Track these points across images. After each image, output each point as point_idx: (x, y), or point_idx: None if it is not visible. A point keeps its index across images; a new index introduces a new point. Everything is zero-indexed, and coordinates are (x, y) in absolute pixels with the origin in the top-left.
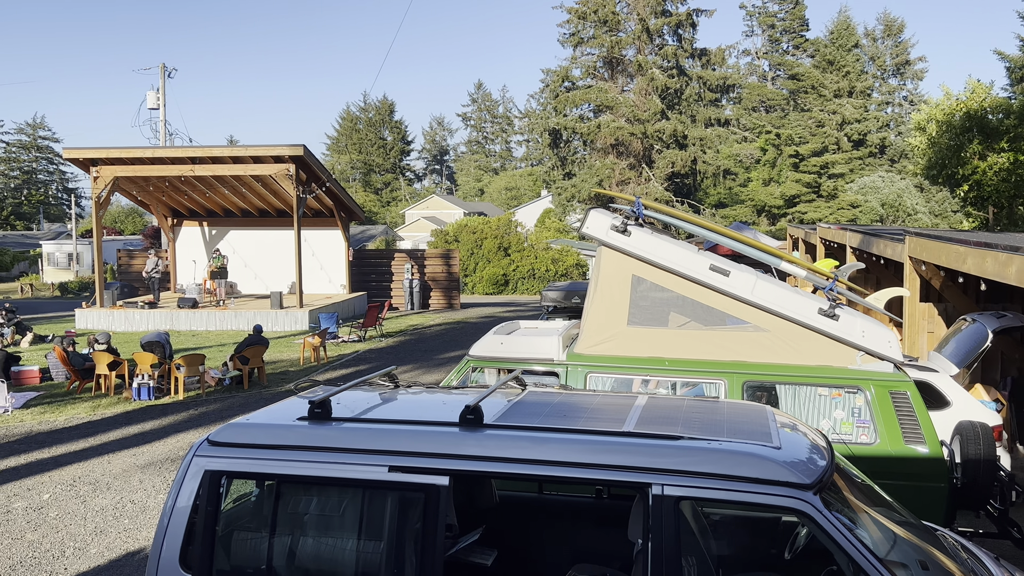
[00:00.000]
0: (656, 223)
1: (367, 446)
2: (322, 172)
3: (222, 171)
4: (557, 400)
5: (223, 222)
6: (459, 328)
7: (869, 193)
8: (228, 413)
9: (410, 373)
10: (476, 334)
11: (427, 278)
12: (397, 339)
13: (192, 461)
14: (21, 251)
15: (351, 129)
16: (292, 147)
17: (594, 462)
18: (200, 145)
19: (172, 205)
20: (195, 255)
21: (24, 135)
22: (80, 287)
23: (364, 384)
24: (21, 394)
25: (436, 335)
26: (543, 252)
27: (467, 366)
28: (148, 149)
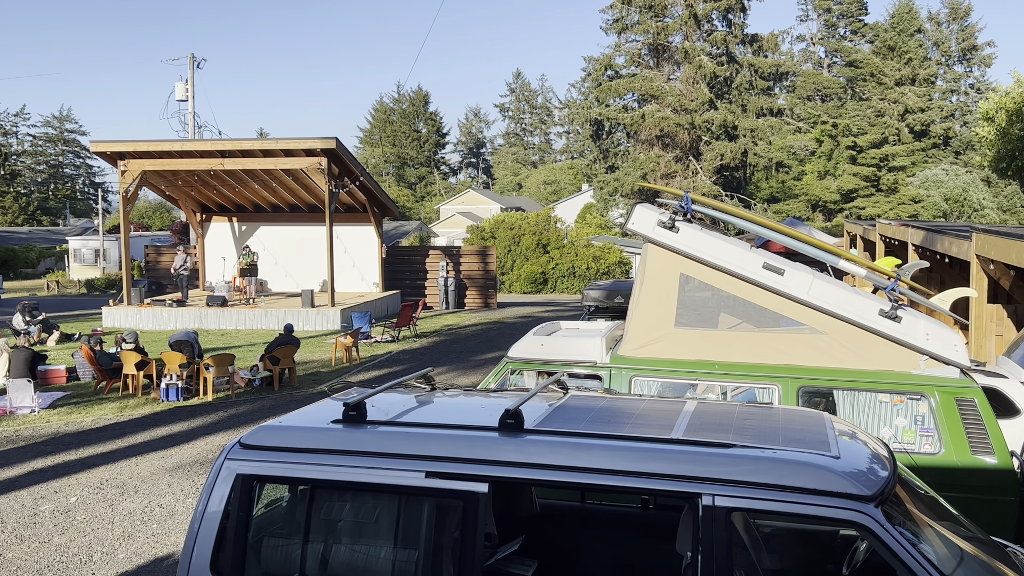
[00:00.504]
0: (705, 219)
1: (403, 451)
2: (355, 166)
3: (252, 165)
4: (601, 405)
5: (253, 217)
6: (496, 328)
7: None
8: (258, 415)
9: (445, 375)
10: (514, 335)
11: (463, 276)
12: (432, 340)
13: (223, 464)
14: (47, 247)
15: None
16: (324, 140)
17: (640, 470)
18: (230, 138)
19: (201, 200)
20: (224, 252)
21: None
22: (107, 284)
23: (400, 386)
24: (48, 394)
25: (472, 335)
26: (584, 249)
27: (506, 368)
28: (177, 142)
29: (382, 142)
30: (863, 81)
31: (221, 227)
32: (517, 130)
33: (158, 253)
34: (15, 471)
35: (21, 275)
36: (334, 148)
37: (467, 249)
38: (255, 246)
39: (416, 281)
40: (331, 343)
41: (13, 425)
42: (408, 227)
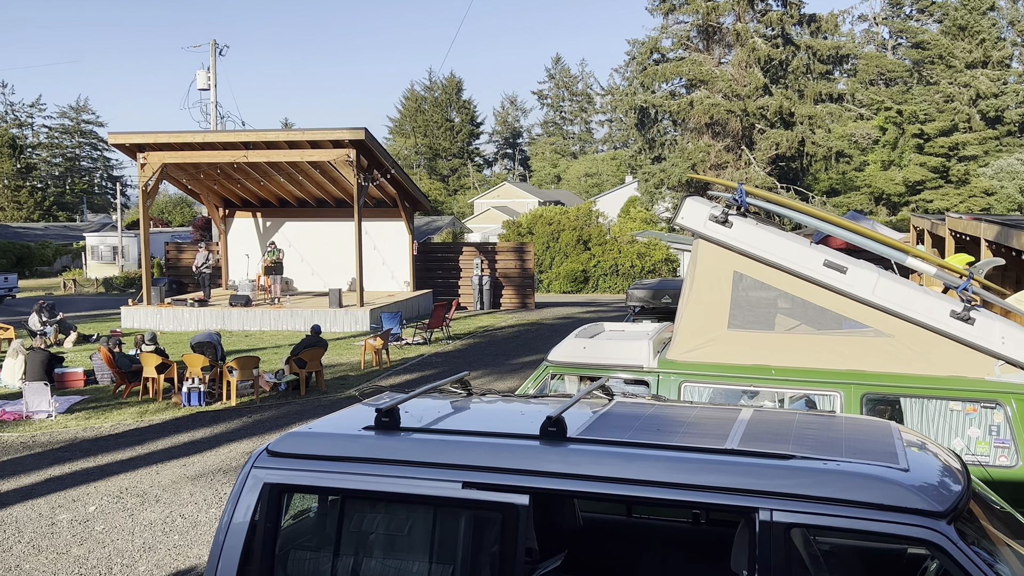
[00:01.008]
0: (760, 212)
1: (439, 459)
2: (385, 158)
3: (277, 157)
4: (649, 412)
5: (278, 213)
6: (534, 330)
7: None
8: (284, 421)
9: (481, 379)
10: (554, 337)
11: (498, 274)
12: (466, 342)
13: (250, 473)
14: (63, 244)
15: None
16: (352, 130)
17: (692, 483)
18: (253, 129)
19: (223, 194)
20: (248, 249)
21: (67, 119)
22: (126, 283)
23: (434, 391)
24: (65, 398)
25: (509, 337)
26: (628, 246)
27: (545, 373)
28: (198, 133)
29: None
30: (931, 64)
31: (245, 223)
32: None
33: (179, 250)
34: (32, 478)
35: (37, 273)
36: (363, 139)
37: (503, 246)
38: (280, 243)
39: (449, 280)
40: (360, 345)
41: (30, 430)
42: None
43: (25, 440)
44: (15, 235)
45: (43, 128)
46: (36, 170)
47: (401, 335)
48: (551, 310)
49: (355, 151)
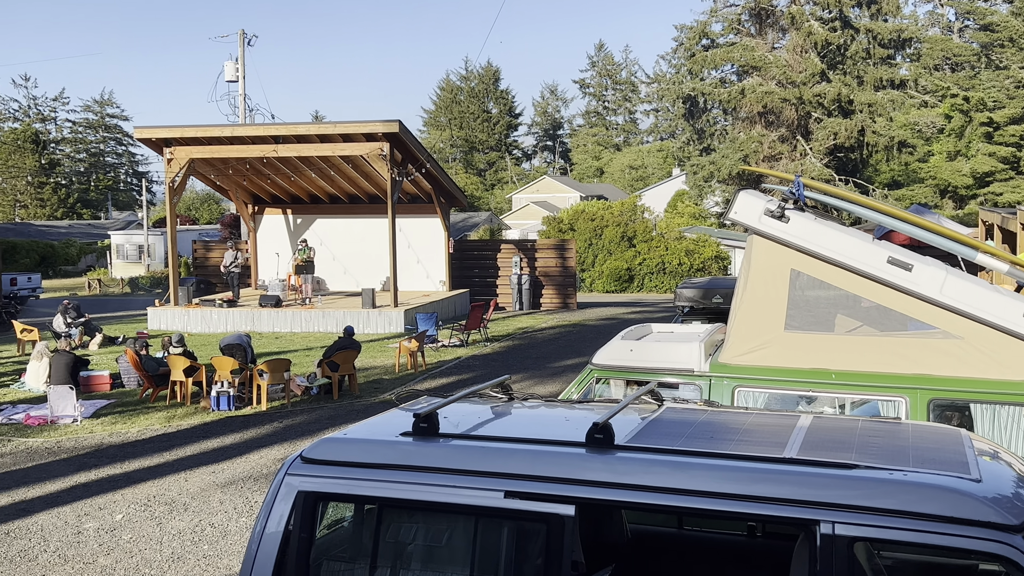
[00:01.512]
0: (818, 206)
1: (480, 467)
2: (419, 151)
3: (308, 151)
4: (701, 419)
5: (309, 209)
6: (576, 332)
7: None
8: (316, 426)
9: (521, 383)
10: (597, 339)
11: (538, 273)
12: (504, 344)
13: (283, 481)
14: (88, 243)
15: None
16: (386, 123)
17: (747, 493)
18: (283, 122)
19: (253, 190)
20: (278, 247)
21: (91, 113)
22: (152, 283)
23: (474, 395)
24: (91, 402)
25: (550, 340)
26: (675, 242)
27: (590, 377)
28: (227, 127)
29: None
30: (1000, 47)
31: (274, 220)
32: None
33: (207, 249)
34: (57, 485)
35: (61, 273)
36: (397, 132)
37: (543, 243)
38: (311, 241)
39: (486, 279)
40: (394, 347)
41: (55, 435)
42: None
43: (50, 446)
44: (39, 233)
45: (66, 123)
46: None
47: (437, 337)
48: (594, 310)
49: (388, 144)
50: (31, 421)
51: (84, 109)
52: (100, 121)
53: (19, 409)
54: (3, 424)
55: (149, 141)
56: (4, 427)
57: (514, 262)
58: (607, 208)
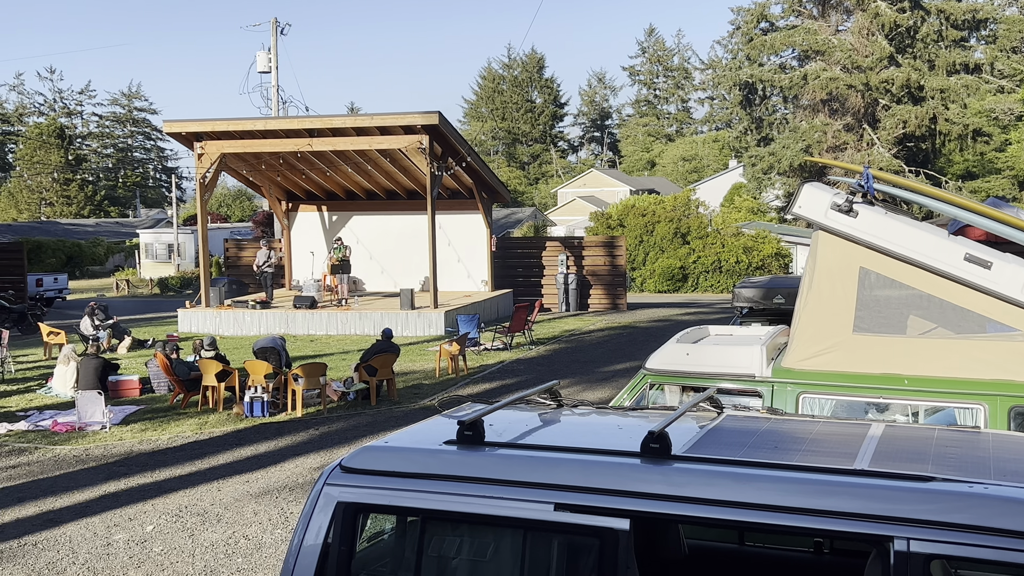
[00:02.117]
0: (889, 199)
1: (528, 478)
2: (460, 144)
3: (344, 145)
4: (764, 427)
5: (345, 206)
6: (627, 334)
7: None
8: (353, 434)
9: (569, 389)
10: (649, 342)
11: (585, 272)
12: (550, 347)
13: (322, 491)
14: (116, 242)
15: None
16: (425, 115)
17: (814, 507)
18: (318, 115)
19: (286, 186)
20: (313, 245)
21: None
22: (182, 283)
23: (521, 402)
24: (120, 408)
25: (598, 343)
26: (732, 239)
27: (643, 382)
28: (259, 120)
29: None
30: None
31: (309, 217)
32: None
33: (239, 248)
34: (86, 495)
35: (88, 273)
36: (436, 124)
37: (591, 240)
38: (347, 239)
39: (531, 278)
40: (434, 351)
41: (83, 443)
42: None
43: (78, 453)
44: (65, 232)
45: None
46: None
47: (479, 340)
48: (645, 311)
49: (428, 137)
50: (59, 428)
51: (111, 102)
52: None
53: (46, 415)
54: (30, 431)
55: (179, 135)
56: (31, 434)
57: (560, 260)
58: (659, 203)
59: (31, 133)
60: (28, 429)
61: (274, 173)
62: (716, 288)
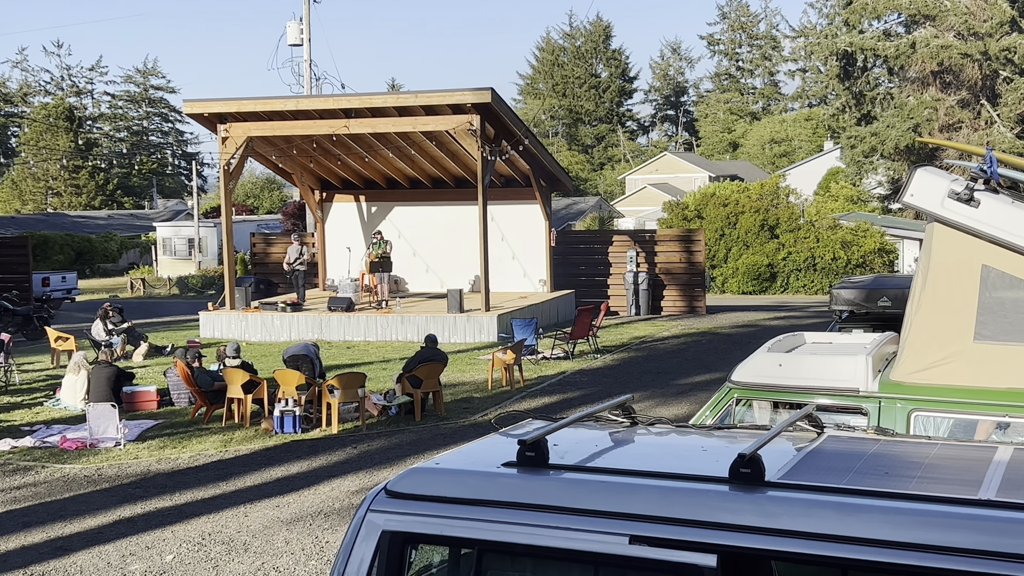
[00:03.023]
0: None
1: (599, 506)
2: (516, 125)
3: (384, 127)
4: (871, 450)
5: (386, 195)
6: (706, 342)
7: None
8: (396, 453)
9: (640, 404)
10: (733, 351)
11: (658, 270)
12: (618, 356)
13: (365, 518)
14: (130, 236)
15: (552, 64)
16: (476, 91)
17: (932, 543)
18: (356, 93)
19: (320, 173)
20: (350, 240)
21: (132, 84)
22: (203, 282)
23: (589, 419)
24: (135, 422)
25: (674, 351)
26: (828, 232)
27: (729, 397)
28: (290, 99)
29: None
30: None
31: (345, 208)
32: (731, 70)
33: (267, 243)
34: (99, 519)
35: (99, 271)
36: (489, 102)
37: (664, 234)
38: (388, 233)
39: (595, 277)
40: (486, 360)
41: (95, 461)
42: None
43: (90, 473)
44: (74, 226)
45: (104, 96)
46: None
47: (537, 347)
48: (727, 315)
49: (479, 117)
50: (68, 444)
51: (125, 80)
52: (143, 94)
53: (54, 430)
54: (36, 448)
55: (200, 117)
56: (37, 451)
57: (629, 257)
58: (743, 191)
59: (36, 115)
60: (34, 446)
61: (306, 159)
62: (809, 289)
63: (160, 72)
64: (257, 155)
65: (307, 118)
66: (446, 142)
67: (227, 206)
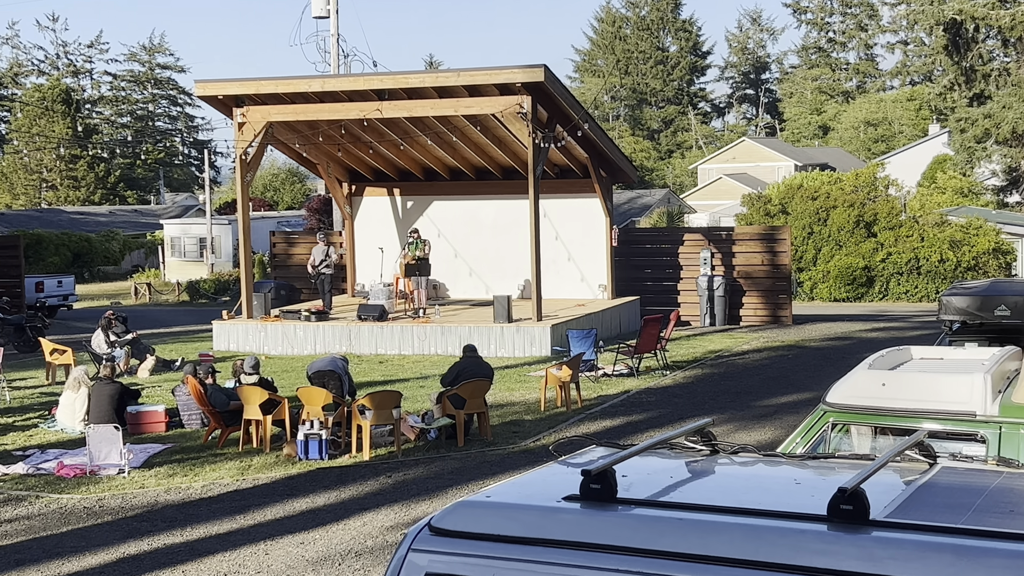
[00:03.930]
0: None
1: (676, 547)
2: (573, 107)
3: (422, 110)
4: (993, 484)
5: (423, 188)
6: (793, 356)
7: None
8: (437, 483)
9: (718, 428)
10: (825, 368)
11: (737, 274)
12: (690, 373)
13: (407, 559)
14: (134, 235)
15: (613, 38)
16: (527, 69)
17: None
18: (389, 72)
19: (349, 164)
20: (383, 239)
21: (136, 63)
22: (217, 288)
23: (664, 446)
24: (141, 446)
25: (755, 367)
26: (934, 229)
27: (823, 421)
28: (315, 79)
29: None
30: None
31: (378, 203)
32: (821, 43)
33: (289, 243)
34: (100, 557)
35: (99, 275)
36: (542, 81)
37: (743, 231)
38: (426, 231)
39: (663, 282)
40: (538, 376)
41: (96, 490)
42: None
43: (90, 504)
44: (71, 223)
45: (105, 77)
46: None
47: (596, 362)
48: (817, 326)
49: (530, 99)
50: (65, 472)
51: (128, 58)
52: (149, 74)
53: (50, 455)
54: (30, 475)
55: (214, 99)
56: (31, 479)
57: (702, 259)
58: (834, 182)
59: (29, 98)
60: (28, 473)
61: (334, 147)
62: (913, 295)
63: (168, 49)
64: (278, 143)
65: (335, 100)
66: (492, 127)
67: (244, 201)
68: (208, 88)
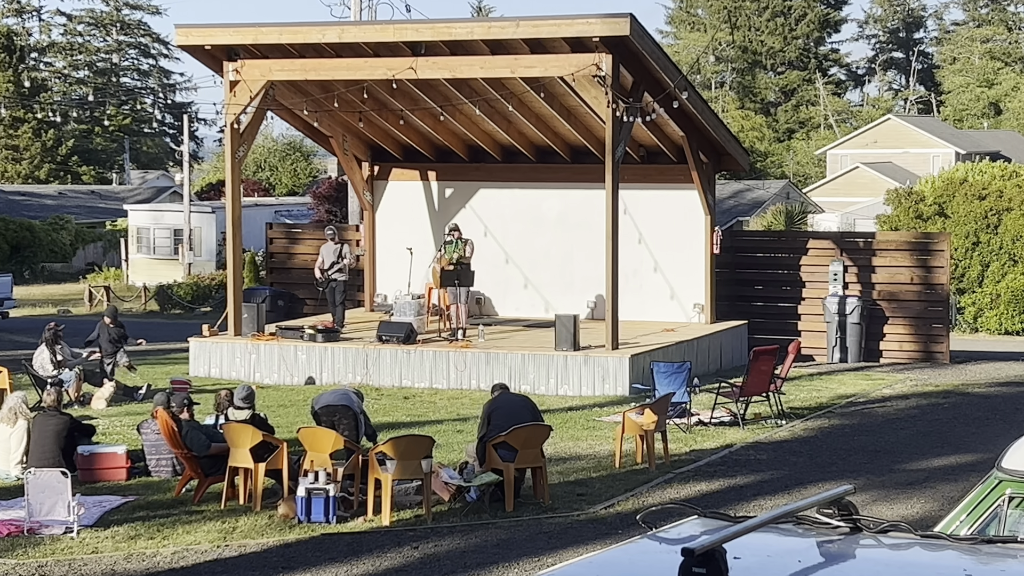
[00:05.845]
0: None
1: None
2: (667, 71)
3: (469, 70)
4: None
5: (467, 172)
6: (950, 406)
7: None
8: (478, 559)
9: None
10: (994, 423)
11: (877, 295)
12: (813, 424)
13: None
14: (90, 224)
15: None
16: (607, 20)
17: None
18: (426, 19)
19: (372, 137)
20: (411, 237)
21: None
22: (195, 295)
23: (789, 519)
24: (95, 499)
25: (900, 419)
26: None
27: (997, 492)
28: (331, 27)
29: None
30: None
31: (407, 189)
32: None
33: (290, 238)
34: None
35: (44, 274)
36: (626, 36)
37: (886, 239)
38: (469, 228)
39: (779, 302)
40: (613, 423)
41: (36, 554)
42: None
43: (28, 573)
44: (8, 206)
45: (58, 17)
46: (46, 91)
47: (690, 406)
48: (983, 367)
49: (610, 58)
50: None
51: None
52: (114, 15)
53: None
54: None
55: (199, 50)
56: None
57: (832, 274)
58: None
59: None
60: None
61: (352, 115)
62: None
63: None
64: (280, 108)
65: (355, 55)
66: (560, 94)
67: (235, 182)
68: (192, 35)
